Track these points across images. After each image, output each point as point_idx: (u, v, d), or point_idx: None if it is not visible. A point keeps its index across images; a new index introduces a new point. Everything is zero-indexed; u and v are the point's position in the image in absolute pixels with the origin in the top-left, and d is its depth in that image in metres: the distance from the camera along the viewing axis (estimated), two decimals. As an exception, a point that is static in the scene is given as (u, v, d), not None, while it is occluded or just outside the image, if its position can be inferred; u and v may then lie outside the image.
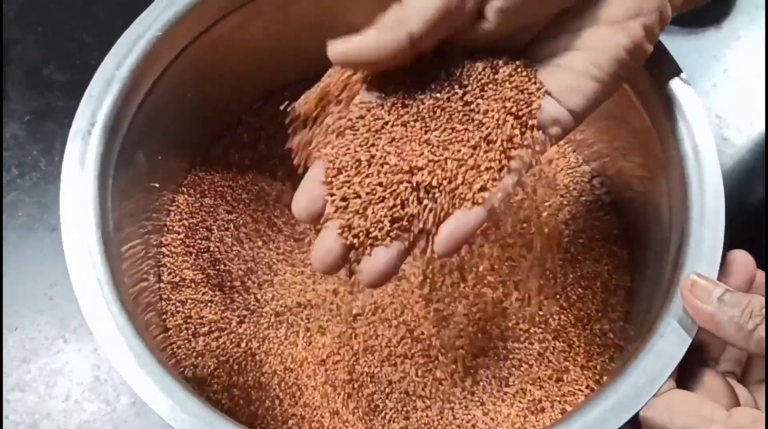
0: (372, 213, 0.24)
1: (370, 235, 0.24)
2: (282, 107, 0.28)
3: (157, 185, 0.37)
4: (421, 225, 0.25)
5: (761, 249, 0.31)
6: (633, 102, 0.34)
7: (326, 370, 0.36)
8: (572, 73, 0.27)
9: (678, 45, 0.34)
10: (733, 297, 0.25)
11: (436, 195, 0.25)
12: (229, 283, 0.38)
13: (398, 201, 0.24)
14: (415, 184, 0.24)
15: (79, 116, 0.31)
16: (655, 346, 0.27)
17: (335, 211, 0.25)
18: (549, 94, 0.27)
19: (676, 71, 0.32)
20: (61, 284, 0.45)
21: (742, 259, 0.29)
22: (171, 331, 0.37)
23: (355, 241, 0.25)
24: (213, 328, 0.37)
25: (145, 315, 0.36)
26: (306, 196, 0.26)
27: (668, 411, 0.25)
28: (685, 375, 0.28)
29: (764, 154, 0.37)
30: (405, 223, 0.24)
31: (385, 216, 0.24)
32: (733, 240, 0.30)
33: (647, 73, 0.32)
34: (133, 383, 0.26)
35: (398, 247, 0.25)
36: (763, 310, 0.25)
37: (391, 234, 0.24)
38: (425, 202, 0.25)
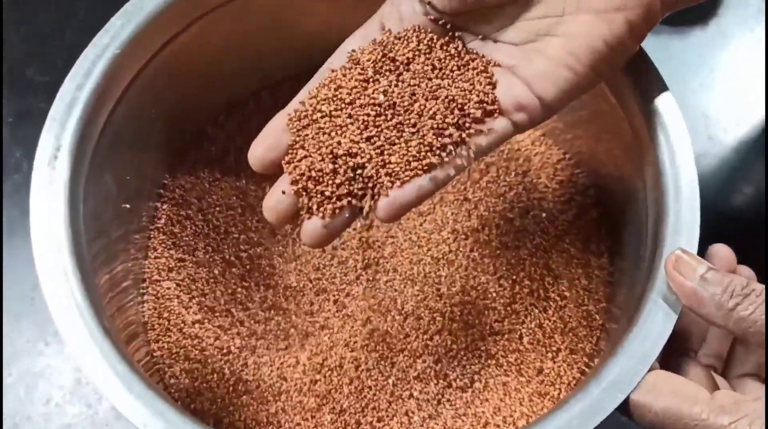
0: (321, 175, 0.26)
1: (319, 191, 0.26)
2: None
3: (128, 206, 0.37)
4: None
5: (746, 247, 0.32)
6: (601, 87, 0.34)
7: (313, 383, 0.36)
8: (546, 59, 0.26)
9: (665, 44, 0.34)
10: (715, 275, 0.26)
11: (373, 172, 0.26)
12: (210, 297, 0.39)
13: (344, 172, 0.26)
14: (355, 164, 0.26)
15: (43, 142, 0.30)
16: (642, 325, 0.27)
17: (289, 162, 0.26)
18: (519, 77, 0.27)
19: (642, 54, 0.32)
20: (43, 286, 0.45)
21: (724, 252, 0.30)
22: (156, 350, 0.38)
23: (305, 193, 0.26)
24: (196, 345, 0.38)
25: (127, 331, 0.36)
26: (263, 145, 0.27)
27: (653, 391, 0.26)
28: (667, 365, 0.28)
29: (755, 152, 0.36)
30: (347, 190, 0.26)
31: (331, 181, 0.26)
32: (718, 238, 0.30)
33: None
34: (121, 408, 0.26)
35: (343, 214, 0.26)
36: (744, 290, 0.25)
37: (336, 194, 0.26)
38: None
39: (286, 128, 0.28)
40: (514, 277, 0.38)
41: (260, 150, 0.27)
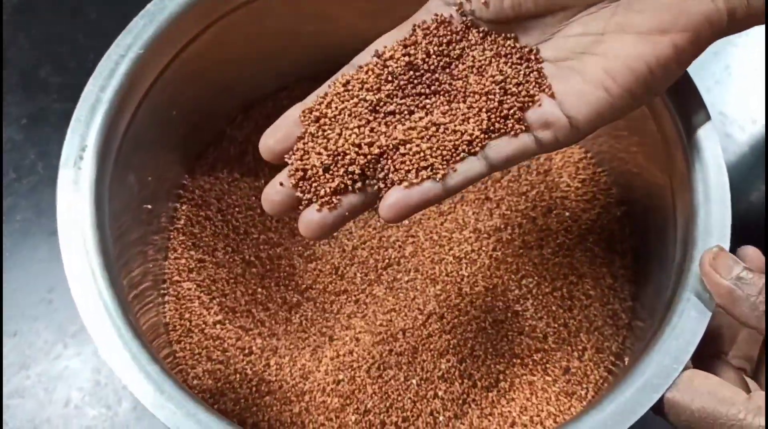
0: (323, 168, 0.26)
1: (313, 186, 0.26)
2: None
3: (149, 207, 0.37)
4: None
5: (764, 245, 0.31)
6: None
7: (336, 383, 0.36)
8: (581, 78, 0.25)
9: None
10: (751, 276, 0.25)
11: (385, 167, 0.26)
12: (231, 298, 0.39)
13: (350, 167, 0.26)
14: (367, 157, 0.26)
15: (68, 142, 0.30)
16: (676, 323, 0.27)
17: (292, 155, 0.27)
18: (552, 95, 0.26)
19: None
20: (60, 288, 0.45)
21: (754, 254, 0.29)
22: (178, 351, 0.37)
23: (300, 187, 0.26)
24: (218, 345, 0.37)
25: (150, 332, 0.36)
26: (274, 136, 0.27)
27: (689, 391, 0.25)
28: (698, 366, 0.28)
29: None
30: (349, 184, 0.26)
31: (334, 175, 0.26)
32: (736, 236, 0.30)
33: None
34: (153, 409, 0.26)
35: (340, 208, 0.26)
36: None
37: (332, 189, 0.26)
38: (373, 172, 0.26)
39: (299, 121, 0.27)
40: (538, 276, 0.38)
41: (271, 141, 0.27)
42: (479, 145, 0.26)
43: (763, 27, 0.54)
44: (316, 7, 0.38)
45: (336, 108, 0.27)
